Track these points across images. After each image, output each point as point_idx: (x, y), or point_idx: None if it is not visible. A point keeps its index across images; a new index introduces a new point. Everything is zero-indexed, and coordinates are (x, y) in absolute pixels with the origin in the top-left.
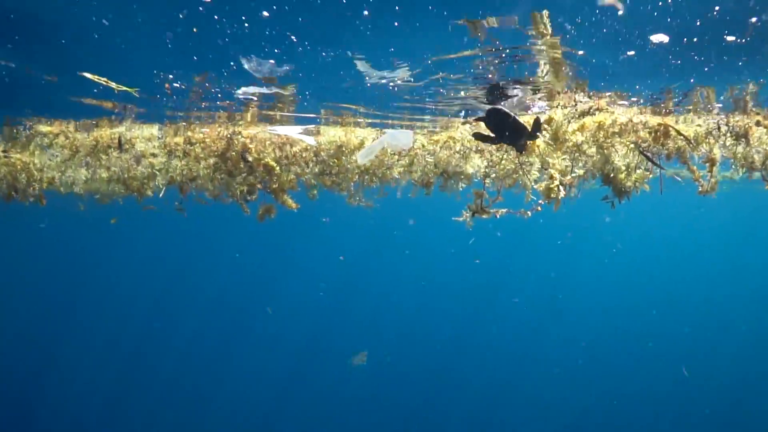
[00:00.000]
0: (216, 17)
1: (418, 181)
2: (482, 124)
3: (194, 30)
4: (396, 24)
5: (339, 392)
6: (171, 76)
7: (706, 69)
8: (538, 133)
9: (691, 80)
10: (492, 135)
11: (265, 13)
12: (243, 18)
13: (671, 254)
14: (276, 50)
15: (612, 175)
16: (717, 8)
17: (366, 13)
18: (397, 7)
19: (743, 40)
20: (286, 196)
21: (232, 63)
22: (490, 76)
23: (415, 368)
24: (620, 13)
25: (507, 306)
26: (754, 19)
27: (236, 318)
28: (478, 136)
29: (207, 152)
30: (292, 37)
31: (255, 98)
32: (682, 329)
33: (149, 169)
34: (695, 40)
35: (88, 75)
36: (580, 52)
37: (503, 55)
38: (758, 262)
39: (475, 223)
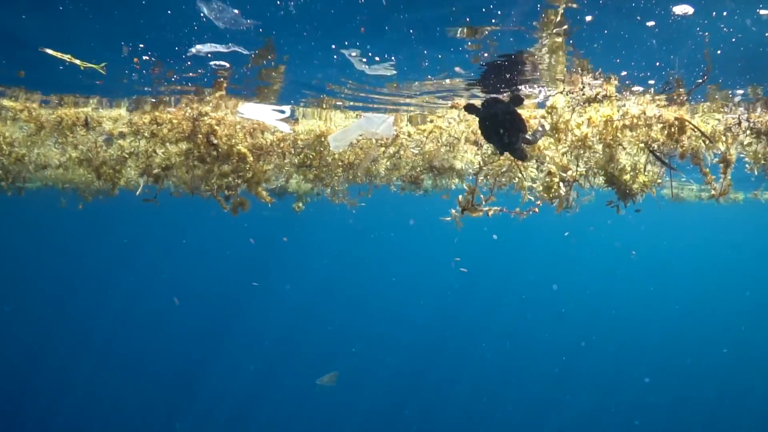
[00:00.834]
0: None
1: (406, 177)
2: (472, 117)
3: None
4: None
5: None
6: (142, 46)
7: (733, 40)
8: (539, 135)
9: (718, 52)
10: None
11: None
12: None
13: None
14: None
15: (616, 174)
16: None
17: None
18: None
19: None
20: (260, 188)
21: (201, 16)
22: (486, 54)
23: (409, 370)
24: None
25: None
26: None
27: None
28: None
29: (174, 134)
30: None
31: (224, 65)
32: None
33: (119, 152)
34: (725, 14)
35: (49, 51)
36: (588, 18)
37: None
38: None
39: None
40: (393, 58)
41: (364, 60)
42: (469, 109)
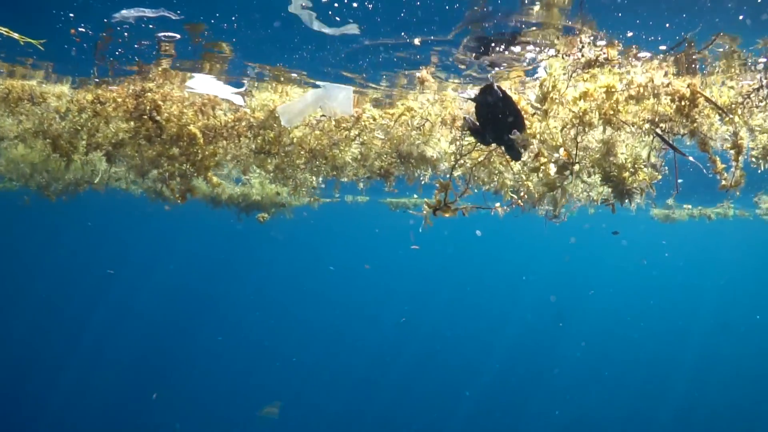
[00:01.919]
0: None
1: (374, 170)
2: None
3: None
4: None
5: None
6: (72, 15)
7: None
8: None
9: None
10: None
11: None
12: None
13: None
14: None
15: (614, 172)
16: None
17: None
18: None
19: None
20: (210, 173)
21: None
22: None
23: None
24: None
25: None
26: None
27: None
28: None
29: (119, 112)
30: None
31: (173, 36)
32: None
33: (70, 124)
34: None
35: None
36: None
37: None
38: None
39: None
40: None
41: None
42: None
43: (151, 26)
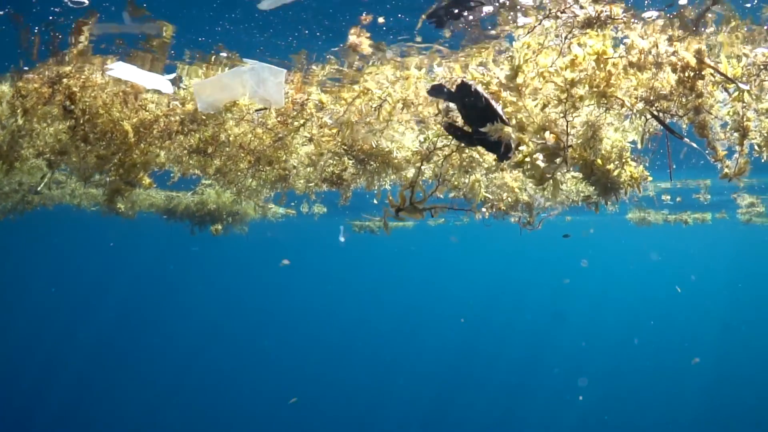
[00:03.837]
0: None
1: (326, 176)
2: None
3: None
4: None
5: None
6: None
7: None
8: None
9: None
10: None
11: None
12: None
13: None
14: None
15: (598, 163)
16: None
17: None
18: None
19: None
20: (141, 173)
21: None
22: None
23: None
24: None
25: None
26: None
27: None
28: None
29: (42, 107)
30: None
31: (72, 5)
32: None
33: (9, 135)
34: None
35: None
36: None
37: None
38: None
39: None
40: None
41: None
42: (435, 91)
43: None
